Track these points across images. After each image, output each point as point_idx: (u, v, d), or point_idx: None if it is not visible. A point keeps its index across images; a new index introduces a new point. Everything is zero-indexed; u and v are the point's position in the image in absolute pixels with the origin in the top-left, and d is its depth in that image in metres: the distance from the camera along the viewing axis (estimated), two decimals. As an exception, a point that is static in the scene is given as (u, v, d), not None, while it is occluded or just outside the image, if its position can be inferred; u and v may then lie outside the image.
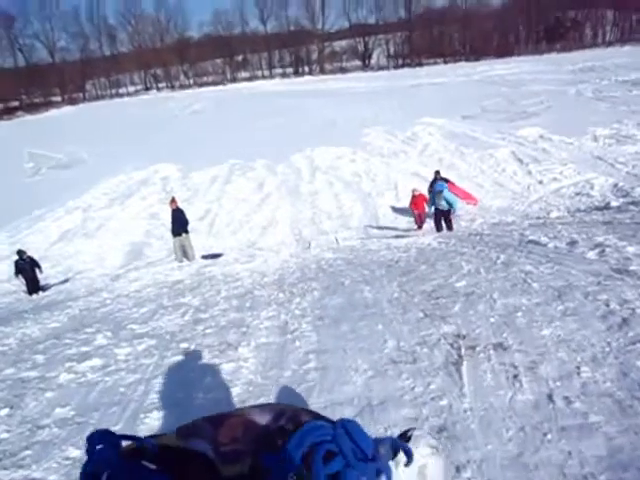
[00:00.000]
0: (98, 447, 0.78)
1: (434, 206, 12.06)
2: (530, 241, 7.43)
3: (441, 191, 11.74)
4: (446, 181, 14.26)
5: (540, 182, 17.12)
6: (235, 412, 1.00)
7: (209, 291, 8.19)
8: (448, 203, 11.61)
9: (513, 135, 23.54)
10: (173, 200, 13.23)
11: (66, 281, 12.85)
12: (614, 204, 10.73)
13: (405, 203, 16.04)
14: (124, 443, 0.82)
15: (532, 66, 50.54)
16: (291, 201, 18.07)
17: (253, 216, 17.04)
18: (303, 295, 6.80)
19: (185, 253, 12.99)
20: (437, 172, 15.35)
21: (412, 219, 14.14)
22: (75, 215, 19.28)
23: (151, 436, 0.89)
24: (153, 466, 0.80)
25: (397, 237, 11.75)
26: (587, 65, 45.42)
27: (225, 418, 0.95)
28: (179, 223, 12.92)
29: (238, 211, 17.75)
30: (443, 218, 12.02)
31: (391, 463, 0.82)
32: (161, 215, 18.10)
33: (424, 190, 14.25)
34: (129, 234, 16.78)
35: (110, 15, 69.79)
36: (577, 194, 15.09)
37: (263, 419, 0.93)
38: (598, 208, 10.82)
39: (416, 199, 13.74)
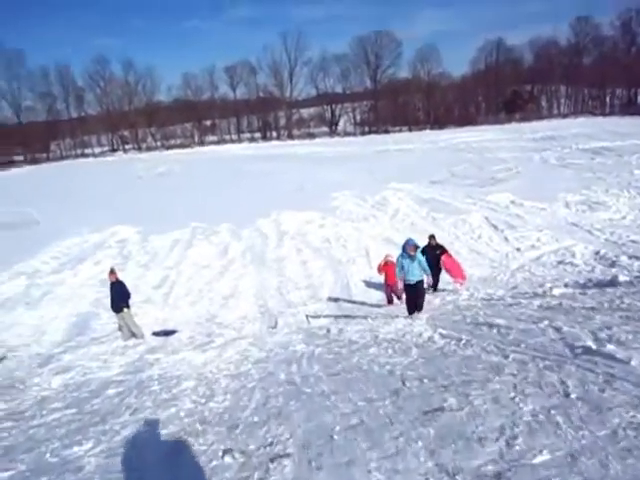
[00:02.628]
0: None
1: (404, 278, 9.70)
2: (585, 349, 5.28)
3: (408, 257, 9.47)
4: (442, 250, 12.63)
5: (518, 249, 16.26)
6: None
7: (125, 426, 5.56)
8: (422, 269, 9.63)
9: (484, 200, 22.98)
10: (112, 272, 11.65)
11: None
12: (622, 278, 9.64)
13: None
14: None
15: (494, 134, 51.60)
16: (256, 268, 16.65)
17: (215, 285, 15.51)
18: (265, 470, 3.93)
19: (131, 330, 11.38)
20: (432, 237, 12.95)
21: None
22: (19, 281, 17.37)
23: None
24: None
25: (379, 319, 10.04)
26: (547, 134, 46.51)
27: None
28: (119, 297, 11.37)
29: (199, 279, 16.20)
30: (416, 292, 9.66)
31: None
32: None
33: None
34: (77, 303, 14.98)
35: (78, 77, 68.68)
36: (559, 262, 14.17)
37: None
38: (602, 283, 9.71)
39: (388, 269, 12.00)
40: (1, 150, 63.57)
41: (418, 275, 9.60)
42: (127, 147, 71.37)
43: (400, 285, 11.15)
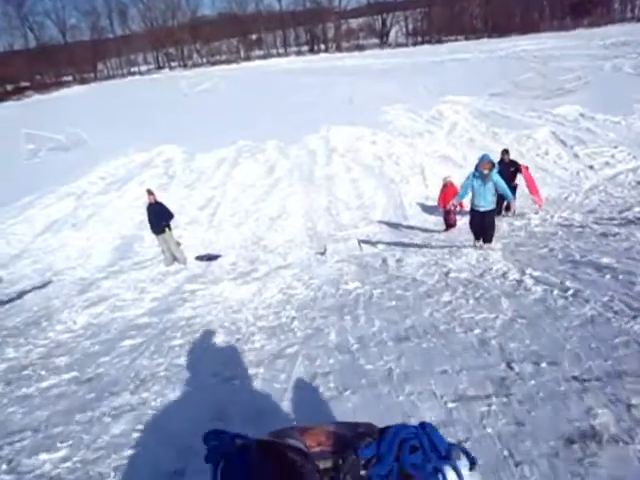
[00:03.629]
0: (213, 442, 0.94)
1: (471, 203, 8.10)
2: None
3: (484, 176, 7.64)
4: (517, 167, 11.18)
5: (590, 167, 14.66)
6: (315, 425, 1.04)
7: (116, 418, 4.30)
8: (500, 193, 7.97)
9: (550, 114, 20.91)
10: (150, 192, 10.92)
11: (37, 288, 10.61)
12: None
13: (435, 191, 13.76)
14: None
15: (559, 42, 47.13)
16: (304, 188, 15.73)
17: (261, 205, 14.76)
18: None
19: (174, 254, 10.83)
20: (506, 151, 11.38)
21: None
22: (66, 203, 17.16)
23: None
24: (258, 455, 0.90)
25: (443, 248, 8.81)
26: (620, 40, 42.00)
27: (308, 428, 1.01)
28: (160, 218, 10.71)
29: (244, 199, 15.48)
30: (483, 223, 8.06)
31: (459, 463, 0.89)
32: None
33: (462, 176, 11.95)
34: (122, 225, 14.64)
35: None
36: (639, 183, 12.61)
37: (342, 430, 1.01)
38: None
39: (446, 191, 10.93)
40: (50, 71, 63.21)
41: (490, 201, 7.89)
42: (173, 64, 69.75)
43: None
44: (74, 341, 6.75)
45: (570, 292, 5.25)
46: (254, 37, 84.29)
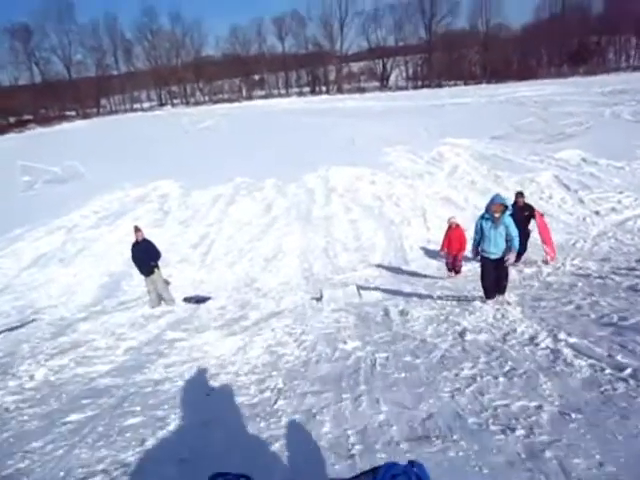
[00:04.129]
0: None
1: (481, 250, 7.20)
2: None
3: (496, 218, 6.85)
4: (532, 212, 10.27)
5: (597, 213, 14.18)
6: None
7: None
8: (507, 240, 6.94)
9: (552, 158, 20.59)
10: (137, 229, 10.36)
11: (10, 329, 9.83)
12: None
13: (436, 234, 13.22)
14: None
15: (558, 88, 47.59)
16: (301, 227, 15.21)
17: (256, 244, 14.20)
18: None
19: (161, 295, 10.18)
20: (520, 194, 10.43)
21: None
22: (56, 236, 16.58)
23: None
24: None
25: (451, 299, 7.94)
26: (617, 88, 42.37)
27: None
28: (147, 257, 10.09)
29: (239, 237, 14.93)
30: (496, 273, 7.17)
31: None
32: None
33: (464, 219, 11.41)
34: (111, 261, 14.00)
35: (127, 30, 67.81)
36: (649, 229, 12.11)
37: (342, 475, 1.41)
38: None
39: (452, 233, 10.15)
40: (55, 105, 63.56)
41: (502, 247, 7.02)
42: (175, 102, 70.41)
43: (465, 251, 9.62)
44: (16, 409, 5.58)
45: (627, 372, 4.24)
46: (257, 77, 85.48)
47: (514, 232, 6.94)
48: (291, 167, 22.47)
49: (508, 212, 6.93)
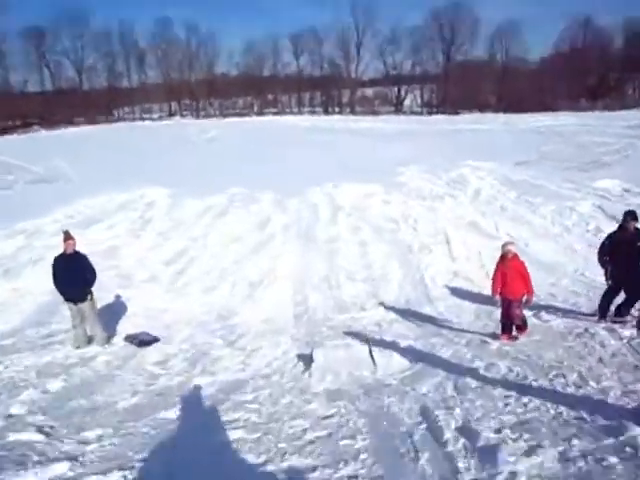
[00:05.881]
0: None
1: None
2: None
3: None
4: None
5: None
6: None
7: None
8: None
9: (589, 187, 17.78)
10: (68, 236, 7.64)
11: None
12: None
13: (465, 266, 10.45)
14: None
15: (578, 120, 44.99)
16: (300, 248, 12.41)
17: (244, 265, 11.40)
18: None
19: (91, 330, 7.40)
20: (632, 215, 7.38)
21: (486, 307, 8.39)
22: (13, 241, 13.90)
23: None
24: None
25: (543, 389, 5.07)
26: (642, 122, 39.88)
27: None
28: (80, 278, 7.34)
29: (225, 256, 12.15)
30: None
31: None
32: (120, 251, 12.68)
33: (497, 251, 8.33)
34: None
35: (141, 39, 65.73)
36: None
37: None
38: None
39: (507, 266, 6.95)
40: (64, 115, 61.24)
41: None
42: (185, 113, 68.31)
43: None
44: None
45: None
46: (270, 97, 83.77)
47: None
48: (294, 181, 19.81)
49: None
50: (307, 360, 5.87)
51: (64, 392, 5.75)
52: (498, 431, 4.18)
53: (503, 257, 7.03)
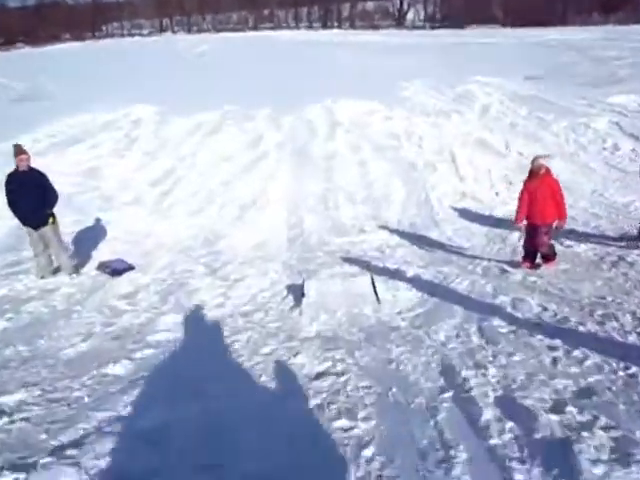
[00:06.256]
0: None
1: None
2: None
3: None
4: None
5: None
6: None
7: None
8: None
9: (604, 102, 16.52)
10: (20, 151, 6.69)
11: None
12: None
13: (473, 186, 9.63)
14: None
15: (590, 35, 42.32)
16: (295, 167, 11.49)
17: (234, 185, 10.52)
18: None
19: (56, 258, 6.62)
20: None
21: (505, 231, 7.58)
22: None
23: None
24: None
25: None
26: (659, 37, 37.46)
27: None
28: (38, 200, 6.46)
29: (215, 175, 11.24)
30: None
31: None
32: (102, 172, 11.76)
33: (507, 170, 7.46)
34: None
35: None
36: None
37: None
38: None
39: (538, 186, 5.99)
40: (49, 32, 57.76)
41: None
42: (176, 29, 64.65)
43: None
44: None
45: None
46: (266, 12, 79.32)
47: None
48: (291, 98, 18.47)
49: None
50: (298, 293, 5.08)
51: (3, 335, 5.06)
52: (558, 408, 3.14)
53: (532, 173, 6.04)
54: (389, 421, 3.26)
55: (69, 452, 2.99)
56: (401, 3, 68.95)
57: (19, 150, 6.62)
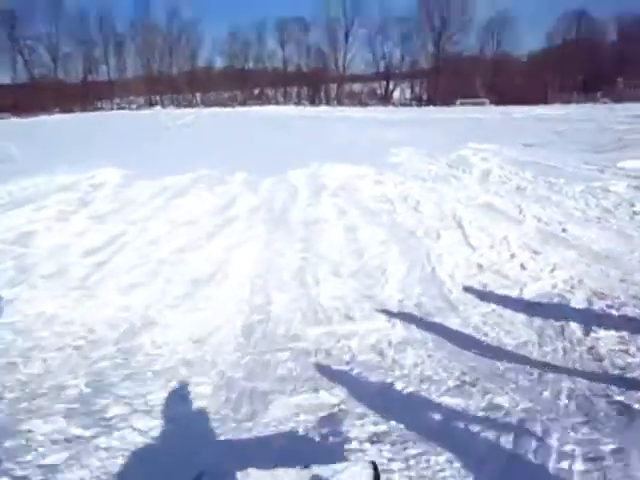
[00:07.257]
0: None
1: None
2: None
3: None
4: None
5: None
6: None
7: None
8: None
9: (613, 167, 14.92)
10: None
11: None
12: None
13: (489, 255, 7.51)
14: None
15: (576, 110, 42.28)
16: (268, 233, 9.30)
17: (189, 255, 8.26)
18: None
19: None
20: None
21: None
22: None
23: None
24: None
25: None
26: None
27: None
28: None
29: (169, 242, 9.01)
30: None
31: None
32: (35, 238, 9.50)
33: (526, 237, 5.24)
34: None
35: (119, 24, 61.32)
36: None
37: None
38: None
39: None
40: (39, 106, 57.38)
41: None
42: (167, 103, 64.65)
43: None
44: None
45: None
46: (256, 92, 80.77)
47: None
48: (274, 163, 16.80)
49: None
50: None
51: None
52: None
53: None
54: None
55: None
56: (387, 83, 70.08)
57: None
